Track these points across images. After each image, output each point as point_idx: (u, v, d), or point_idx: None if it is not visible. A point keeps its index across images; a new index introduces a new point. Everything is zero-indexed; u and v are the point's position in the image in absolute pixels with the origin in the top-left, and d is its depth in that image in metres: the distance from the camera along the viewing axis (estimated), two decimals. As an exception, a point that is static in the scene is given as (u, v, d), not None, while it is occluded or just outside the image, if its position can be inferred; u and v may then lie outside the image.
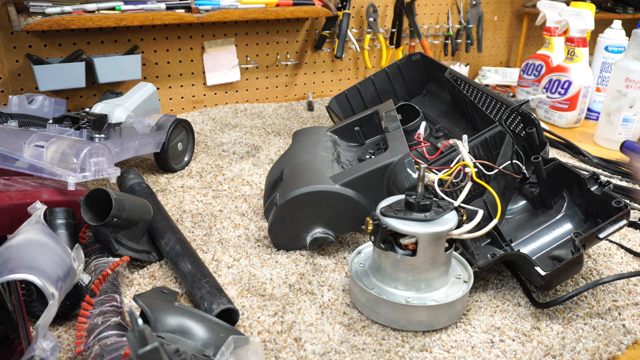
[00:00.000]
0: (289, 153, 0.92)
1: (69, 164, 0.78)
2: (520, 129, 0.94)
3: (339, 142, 0.95)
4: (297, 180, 0.79)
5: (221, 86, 1.52)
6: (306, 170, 0.81)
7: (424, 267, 0.65)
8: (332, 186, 0.76)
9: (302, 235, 0.79)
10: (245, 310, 0.68)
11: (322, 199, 0.76)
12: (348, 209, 0.77)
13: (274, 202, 0.79)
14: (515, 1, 2.01)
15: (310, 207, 0.77)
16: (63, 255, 0.61)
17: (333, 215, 0.78)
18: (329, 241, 0.79)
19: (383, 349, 0.62)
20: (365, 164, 0.79)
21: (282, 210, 0.77)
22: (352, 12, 1.64)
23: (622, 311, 0.71)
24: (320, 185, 0.76)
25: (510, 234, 0.80)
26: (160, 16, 1.22)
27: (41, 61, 1.20)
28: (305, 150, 0.89)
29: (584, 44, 1.39)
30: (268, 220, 0.81)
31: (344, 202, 0.76)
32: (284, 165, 0.88)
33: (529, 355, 0.62)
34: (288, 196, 0.76)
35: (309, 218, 0.78)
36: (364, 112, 0.98)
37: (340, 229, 0.80)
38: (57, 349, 0.49)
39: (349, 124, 0.97)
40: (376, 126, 0.95)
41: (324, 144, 0.92)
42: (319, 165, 0.82)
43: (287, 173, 0.83)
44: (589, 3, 1.45)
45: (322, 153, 0.87)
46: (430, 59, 1.20)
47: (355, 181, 0.77)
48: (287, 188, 0.78)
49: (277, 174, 0.87)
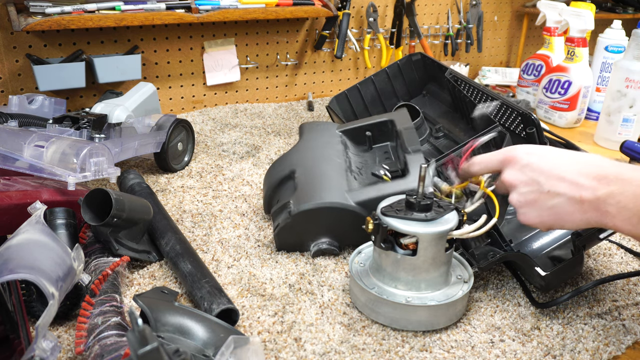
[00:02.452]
0: (298, 151, 0.91)
1: (69, 164, 0.78)
2: (520, 130, 0.94)
3: (349, 144, 0.94)
4: (312, 191, 0.78)
5: (221, 86, 1.52)
6: (322, 179, 0.81)
7: (424, 267, 0.65)
8: (348, 203, 0.76)
9: (308, 243, 0.80)
10: (245, 310, 0.68)
11: (336, 213, 0.77)
12: (358, 226, 0.77)
13: (286, 206, 0.79)
14: (515, 1, 2.01)
15: (322, 220, 0.77)
16: (63, 255, 0.61)
17: (342, 229, 0.78)
18: (333, 253, 0.79)
19: (383, 349, 0.62)
20: (384, 186, 0.78)
21: (295, 219, 0.77)
22: (352, 12, 1.64)
23: (622, 311, 0.71)
24: (338, 201, 0.76)
25: (511, 234, 0.80)
26: (160, 16, 1.22)
27: (41, 61, 1.20)
28: (318, 153, 0.88)
29: (584, 44, 1.39)
30: (274, 222, 0.81)
31: (357, 219, 0.76)
32: (293, 164, 0.87)
33: (529, 355, 0.62)
34: (304, 207, 0.76)
35: (319, 229, 0.78)
36: (378, 117, 0.95)
37: (346, 241, 0.81)
38: (57, 349, 0.49)
39: (360, 127, 0.95)
40: (387, 133, 0.94)
41: (335, 146, 0.90)
42: (335, 175, 0.82)
43: (301, 177, 0.82)
44: (589, 3, 1.45)
45: (336, 160, 0.86)
46: (430, 59, 1.20)
47: (371, 202, 0.77)
48: (303, 197, 0.78)
49: (286, 171, 0.86)
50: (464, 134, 1.02)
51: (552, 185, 0.57)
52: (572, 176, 0.56)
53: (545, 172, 0.58)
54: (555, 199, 0.57)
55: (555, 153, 0.60)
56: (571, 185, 0.55)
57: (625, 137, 1.28)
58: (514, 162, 0.61)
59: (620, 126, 1.28)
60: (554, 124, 1.46)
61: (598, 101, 1.50)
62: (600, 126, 1.34)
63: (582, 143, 1.32)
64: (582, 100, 1.41)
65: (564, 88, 1.41)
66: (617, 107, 1.27)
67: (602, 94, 1.47)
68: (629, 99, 1.25)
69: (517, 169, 0.60)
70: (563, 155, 0.59)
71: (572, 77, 1.39)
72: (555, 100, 1.44)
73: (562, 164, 0.58)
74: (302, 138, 0.96)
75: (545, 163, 0.58)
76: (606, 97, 1.31)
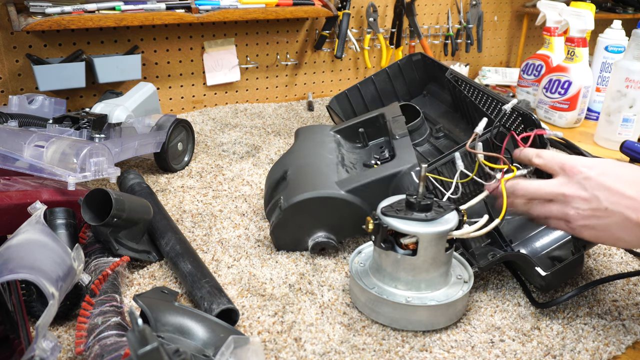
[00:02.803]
0: (292, 152, 0.92)
1: (69, 164, 0.78)
2: (520, 130, 0.93)
3: (343, 142, 0.95)
4: (302, 184, 0.78)
5: (221, 86, 1.52)
6: (311, 173, 0.81)
7: (424, 267, 0.65)
8: (337, 192, 0.76)
9: (305, 239, 0.80)
10: (245, 310, 0.68)
11: (327, 204, 0.76)
12: (352, 215, 0.77)
13: (277, 204, 0.79)
14: (515, 1, 2.01)
15: (314, 212, 0.77)
16: (63, 255, 0.61)
17: (337, 221, 0.78)
18: (331, 245, 0.79)
19: (383, 349, 0.62)
20: (372, 172, 0.79)
21: (286, 214, 0.77)
22: (352, 12, 1.64)
23: (622, 311, 0.71)
24: (326, 190, 0.76)
25: (511, 234, 0.80)
26: (160, 16, 1.22)
27: (41, 61, 1.20)
28: (310, 151, 0.89)
29: (584, 44, 1.39)
30: (270, 222, 0.81)
31: (349, 209, 0.76)
32: (287, 165, 0.87)
33: (529, 355, 0.62)
34: (293, 200, 0.76)
35: (313, 222, 0.78)
36: (370, 113, 0.97)
37: (343, 234, 0.80)
38: (57, 349, 0.49)
39: (353, 124, 0.96)
40: (380, 128, 0.95)
41: (328, 144, 0.91)
42: (325, 169, 0.82)
43: (292, 175, 0.83)
44: (589, 3, 1.45)
45: (327, 155, 0.87)
46: (431, 59, 1.20)
47: (361, 188, 0.77)
48: (292, 191, 0.78)
49: (280, 173, 0.87)
50: (464, 134, 1.02)
51: (611, 202, 0.55)
52: (632, 194, 0.54)
53: (606, 188, 0.56)
54: (612, 218, 0.55)
55: (615, 169, 0.58)
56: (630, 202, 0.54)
57: (625, 137, 1.28)
58: (573, 172, 0.59)
59: (620, 126, 1.28)
60: (554, 124, 1.46)
61: (598, 101, 1.50)
62: (600, 126, 1.34)
63: (582, 143, 1.32)
64: (582, 100, 1.41)
65: (564, 88, 1.41)
66: (617, 107, 1.27)
67: (602, 94, 1.47)
68: (629, 99, 1.25)
69: (577, 181, 0.58)
70: (624, 172, 0.57)
71: (572, 77, 1.39)
72: (555, 100, 1.44)
73: (623, 181, 0.56)
74: (296, 141, 0.96)
75: (606, 179, 0.56)
76: (606, 97, 1.31)
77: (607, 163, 0.59)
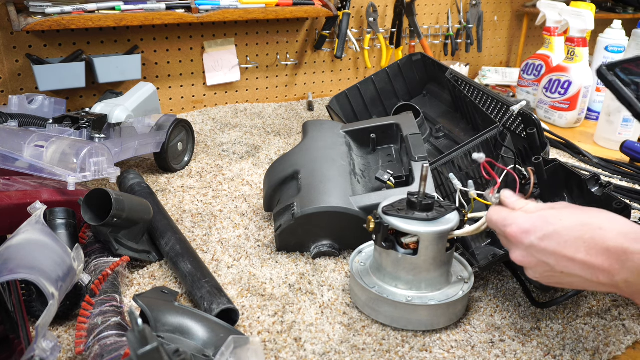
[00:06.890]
0: (302, 150, 0.90)
1: (69, 164, 0.78)
2: (520, 130, 0.93)
3: (352, 146, 0.94)
4: (318, 194, 0.78)
5: (221, 86, 1.52)
6: (327, 183, 0.81)
7: (425, 267, 0.65)
8: (352, 209, 0.76)
9: (308, 244, 0.80)
10: (245, 310, 0.68)
11: (340, 218, 0.77)
12: (359, 229, 0.77)
13: (288, 208, 0.79)
14: (515, 1, 2.01)
15: (325, 223, 0.77)
16: (63, 255, 0.61)
17: (345, 232, 0.78)
18: (333, 255, 0.79)
19: (383, 349, 0.62)
20: (389, 193, 0.78)
21: (298, 221, 0.77)
22: (352, 12, 1.64)
23: (622, 311, 0.71)
24: (342, 206, 0.76)
25: (511, 234, 0.80)
26: (160, 16, 1.22)
27: (41, 61, 1.20)
28: (322, 153, 0.88)
29: (584, 44, 1.39)
30: (276, 223, 0.81)
31: (359, 224, 0.76)
32: (298, 164, 0.87)
33: (529, 355, 0.62)
34: (308, 210, 0.76)
35: (320, 231, 0.78)
36: (383, 120, 0.95)
37: (346, 243, 0.81)
38: (57, 349, 0.49)
39: (365, 129, 0.95)
40: (391, 136, 0.93)
41: (339, 147, 0.90)
42: (339, 180, 0.82)
43: (305, 179, 0.82)
44: (589, 3, 1.45)
45: (340, 162, 0.86)
46: (431, 59, 1.20)
47: (375, 208, 0.76)
48: (307, 200, 0.77)
49: (289, 171, 0.86)
50: (464, 134, 1.03)
51: (563, 267, 0.53)
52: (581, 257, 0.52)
53: (552, 254, 0.53)
54: (572, 278, 0.54)
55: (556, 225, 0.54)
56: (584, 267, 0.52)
57: (625, 137, 1.28)
58: (516, 241, 0.56)
59: (620, 126, 1.28)
60: (554, 124, 1.46)
61: (598, 101, 1.50)
62: (600, 126, 1.34)
63: (582, 143, 1.32)
64: (582, 100, 1.41)
65: (564, 88, 1.41)
66: (617, 107, 1.27)
67: (602, 94, 1.47)
68: (629, 99, 1.25)
69: (523, 249, 0.56)
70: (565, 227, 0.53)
71: (572, 77, 1.39)
72: (556, 100, 1.44)
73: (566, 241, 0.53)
74: (306, 137, 0.95)
75: (548, 243, 0.54)
76: (606, 97, 1.31)
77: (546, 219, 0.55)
